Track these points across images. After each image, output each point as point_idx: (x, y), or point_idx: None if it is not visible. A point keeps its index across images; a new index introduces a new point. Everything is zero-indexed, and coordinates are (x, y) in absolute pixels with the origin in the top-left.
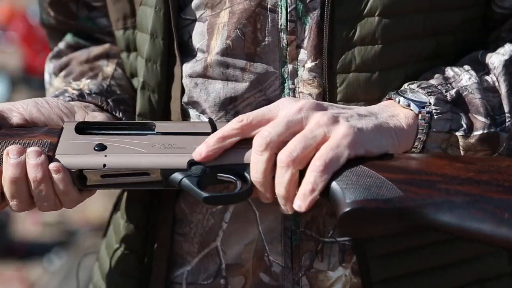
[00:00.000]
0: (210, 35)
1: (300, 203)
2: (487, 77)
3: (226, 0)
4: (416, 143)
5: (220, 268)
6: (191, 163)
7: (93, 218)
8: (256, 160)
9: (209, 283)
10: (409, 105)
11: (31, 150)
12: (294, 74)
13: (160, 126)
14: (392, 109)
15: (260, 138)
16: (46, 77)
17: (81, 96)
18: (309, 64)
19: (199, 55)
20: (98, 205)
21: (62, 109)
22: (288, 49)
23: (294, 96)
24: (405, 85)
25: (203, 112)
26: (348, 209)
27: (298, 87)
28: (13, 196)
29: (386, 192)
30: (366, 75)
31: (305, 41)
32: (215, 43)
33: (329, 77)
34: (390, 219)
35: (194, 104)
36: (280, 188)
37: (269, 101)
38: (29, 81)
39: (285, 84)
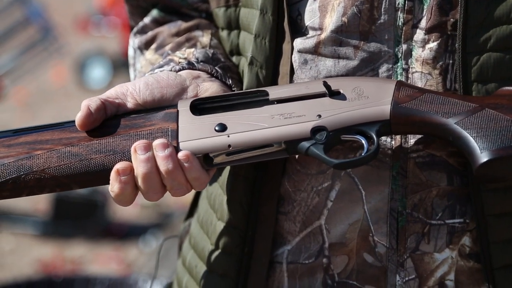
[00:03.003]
0: (322, 13)
1: None
2: None
3: None
4: None
5: (322, 247)
6: (315, 130)
7: (188, 201)
8: None
9: (310, 262)
10: None
11: (157, 143)
12: (408, 54)
13: (274, 92)
14: None
15: None
16: (130, 52)
17: (190, 65)
18: (431, 44)
19: (311, 32)
20: None
21: (174, 86)
22: (403, 28)
23: (407, 76)
24: None
25: None
26: (483, 160)
27: (412, 67)
28: (147, 189)
29: None
30: (501, 55)
31: (423, 20)
32: (329, 21)
33: (463, 57)
34: None
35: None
36: None
37: None
38: (129, 65)
39: (398, 64)
